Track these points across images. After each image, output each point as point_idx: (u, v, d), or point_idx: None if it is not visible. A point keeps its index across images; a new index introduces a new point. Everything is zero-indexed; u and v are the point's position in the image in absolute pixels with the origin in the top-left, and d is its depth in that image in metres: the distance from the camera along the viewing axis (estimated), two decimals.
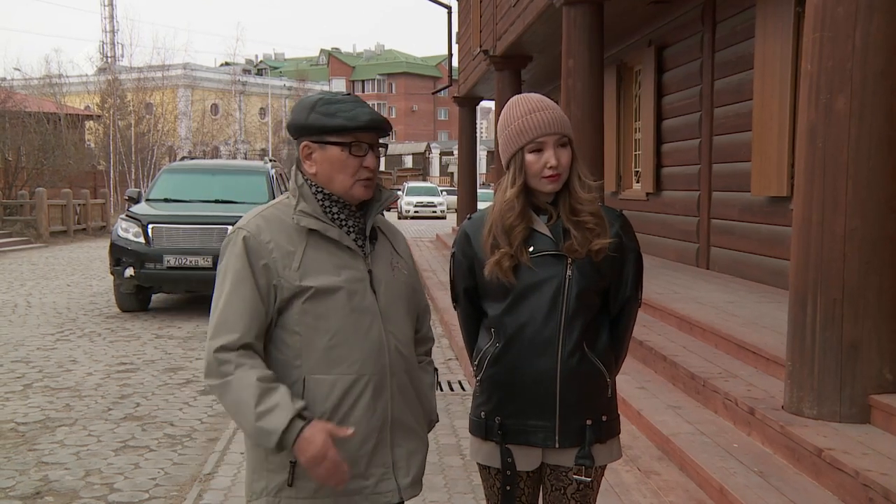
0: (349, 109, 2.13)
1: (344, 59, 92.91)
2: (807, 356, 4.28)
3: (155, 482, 4.71)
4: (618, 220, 2.35)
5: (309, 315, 2.11)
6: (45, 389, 6.76)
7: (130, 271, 10.13)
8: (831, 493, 3.71)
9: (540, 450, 2.34)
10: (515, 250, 2.25)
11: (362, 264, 2.18)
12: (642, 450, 4.74)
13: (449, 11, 21.75)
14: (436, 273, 13.41)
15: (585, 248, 2.25)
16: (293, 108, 2.23)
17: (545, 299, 2.26)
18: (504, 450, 2.33)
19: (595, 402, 2.34)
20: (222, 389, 2.06)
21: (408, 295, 2.30)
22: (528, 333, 2.28)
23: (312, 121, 2.14)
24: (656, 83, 11.07)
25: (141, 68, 43.17)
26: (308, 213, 2.15)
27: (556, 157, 2.25)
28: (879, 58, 4.07)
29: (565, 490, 2.36)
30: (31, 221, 22.67)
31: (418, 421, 2.30)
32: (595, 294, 2.32)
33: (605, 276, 2.32)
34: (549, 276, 2.26)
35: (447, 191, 41.99)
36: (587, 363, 2.30)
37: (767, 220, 8.09)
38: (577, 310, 2.27)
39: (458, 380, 6.99)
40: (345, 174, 2.16)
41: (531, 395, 2.30)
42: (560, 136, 2.27)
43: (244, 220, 2.18)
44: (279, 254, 2.11)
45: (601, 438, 2.35)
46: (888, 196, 4.12)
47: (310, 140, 2.17)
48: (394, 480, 2.19)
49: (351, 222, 2.20)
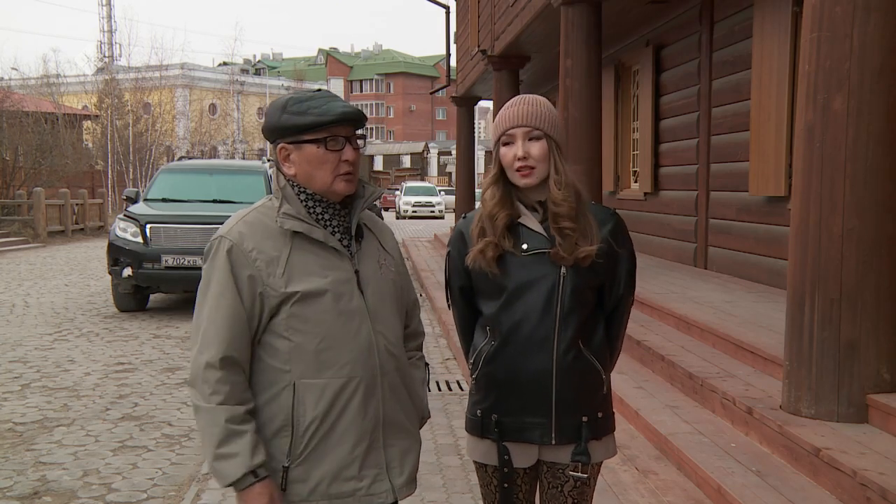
0: (320, 105, 2.11)
1: (342, 59, 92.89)
2: (804, 356, 4.28)
3: (153, 482, 4.71)
4: (611, 219, 2.35)
5: (297, 319, 2.09)
6: (42, 389, 6.76)
7: (128, 271, 10.13)
8: (829, 492, 3.71)
9: (536, 447, 2.35)
10: (499, 238, 2.28)
11: (349, 265, 2.16)
12: (640, 449, 4.74)
13: (447, 11, 21.77)
14: (434, 273, 13.41)
15: (572, 255, 2.26)
16: (265, 112, 2.19)
17: (540, 297, 2.27)
18: (501, 447, 2.34)
19: (591, 399, 2.35)
20: (195, 408, 2.10)
21: (396, 293, 2.28)
22: (523, 331, 2.28)
23: (284, 121, 2.12)
24: (654, 83, 11.08)
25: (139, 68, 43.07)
26: (292, 214, 2.12)
27: (525, 149, 2.27)
28: (877, 57, 4.07)
29: (562, 487, 2.37)
30: (28, 221, 22.64)
31: (410, 419, 2.29)
32: (590, 291, 2.33)
33: (600, 273, 2.33)
34: (543, 273, 2.27)
35: (445, 191, 42.01)
36: (583, 360, 2.31)
37: (765, 219, 8.10)
38: (573, 307, 2.27)
39: (457, 379, 6.99)
40: (324, 171, 2.13)
41: (527, 392, 2.30)
42: (529, 128, 2.27)
43: (226, 227, 2.14)
44: (263, 261, 2.08)
45: (597, 435, 2.36)
46: (886, 196, 4.12)
47: (285, 141, 2.14)
48: (388, 481, 2.19)
49: (335, 222, 2.18)
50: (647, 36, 11.31)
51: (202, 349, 2.09)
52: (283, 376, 2.11)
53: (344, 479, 2.12)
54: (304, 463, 2.10)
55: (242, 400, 2.08)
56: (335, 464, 2.11)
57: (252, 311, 2.09)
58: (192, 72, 59.59)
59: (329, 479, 2.11)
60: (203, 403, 2.07)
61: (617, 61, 12.68)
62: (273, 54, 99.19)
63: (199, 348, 2.09)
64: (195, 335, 2.12)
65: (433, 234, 21.85)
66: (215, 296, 2.09)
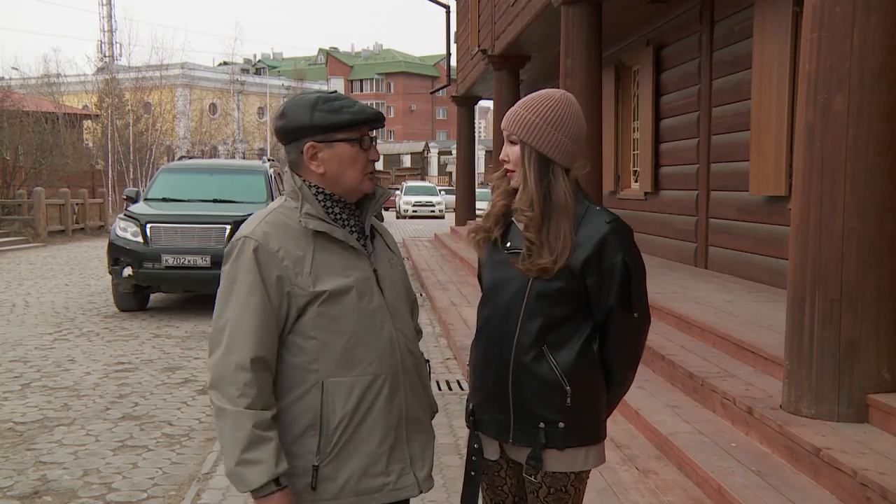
0: (351, 105, 2.14)
1: (342, 59, 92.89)
2: (805, 356, 4.28)
3: (153, 482, 4.71)
4: (603, 228, 2.24)
5: (324, 318, 2.10)
6: (43, 389, 6.76)
7: (129, 271, 10.13)
8: (829, 492, 3.71)
9: (497, 442, 2.38)
10: (491, 225, 2.35)
11: (367, 264, 2.19)
12: (640, 449, 4.75)
13: (447, 11, 21.77)
14: (434, 273, 13.40)
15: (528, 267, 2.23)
16: (284, 110, 2.16)
17: (509, 294, 2.29)
18: (473, 435, 2.39)
19: (550, 407, 2.27)
20: (219, 411, 2.05)
21: (406, 291, 2.34)
22: (491, 325, 2.34)
23: (318, 119, 2.11)
24: (655, 83, 11.08)
25: (139, 68, 43.10)
26: (314, 214, 2.13)
27: (506, 151, 2.34)
28: (877, 57, 4.07)
29: (537, 492, 2.33)
30: (28, 221, 22.64)
31: (426, 414, 2.34)
32: (562, 297, 2.25)
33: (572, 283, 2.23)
34: (516, 273, 2.29)
35: (445, 190, 41.99)
36: (543, 365, 2.25)
37: (765, 219, 8.10)
38: (536, 308, 2.25)
39: (457, 379, 6.99)
40: (355, 169, 2.16)
41: (491, 386, 2.34)
42: (508, 132, 2.32)
43: (249, 228, 2.13)
44: (290, 261, 2.09)
45: (557, 445, 2.27)
46: (886, 196, 4.12)
47: (315, 140, 2.13)
48: (412, 474, 2.22)
49: (352, 222, 2.21)
50: (647, 36, 11.31)
51: (230, 350, 2.05)
52: (310, 376, 2.11)
53: (372, 475, 2.14)
54: (334, 461, 2.11)
55: (268, 405, 2.07)
56: (364, 460, 2.13)
57: (280, 311, 2.09)
58: (193, 71, 59.58)
59: (358, 475, 2.13)
60: (229, 406, 2.03)
61: (617, 61, 12.68)
62: (273, 54, 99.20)
63: (226, 349, 2.05)
64: (218, 337, 2.08)
65: (433, 233, 21.83)
66: (243, 296, 2.07)
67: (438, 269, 13.89)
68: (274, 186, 11.63)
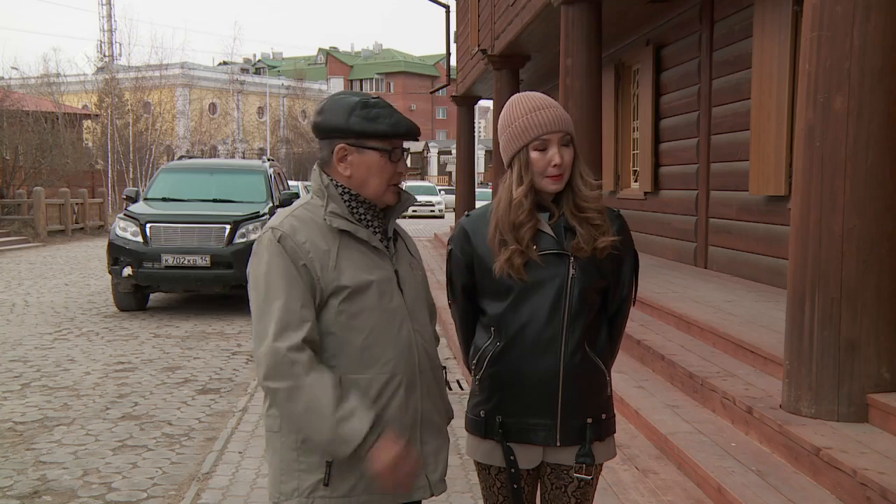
0: (389, 115, 2.15)
1: (342, 59, 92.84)
2: (805, 355, 4.28)
3: (153, 481, 4.71)
4: (617, 220, 2.36)
5: (344, 315, 2.11)
6: (42, 389, 6.76)
7: (128, 270, 10.13)
8: (829, 491, 3.71)
9: (541, 448, 2.34)
10: (525, 247, 2.25)
11: (389, 264, 2.21)
12: (640, 449, 4.74)
13: (447, 11, 21.76)
14: (434, 272, 13.39)
15: (591, 245, 2.26)
16: (323, 108, 2.18)
17: (548, 298, 2.26)
18: (506, 448, 2.33)
19: (596, 401, 2.35)
20: (291, 393, 2.02)
21: (426, 294, 2.35)
22: (530, 332, 2.27)
23: (353, 124, 2.13)
24: (654, 82, 11.08)
25: (139, 67, 43.10)
26: (338, 214, 2.16)
27: (560, 155, 2.25)
28: (877, 57, 4.07)
29: (566, 488, 2.37)
30: (28, 221, 22.64)
31: (441, 418, 2.33)
32: (596, 293, 2.33)
33: (606, 275, 2.34)
34: (551, 275, 2.25)
35: (445, 190, 41.99)
36: (588, 362, 2.31)
37: (765, 219, 8.10)
38: (580, 309, 2.27)
39: (457, 379, 7.00)
40: (380, 179, 2.17)
41: (534, 394, 2.30)
42: (564, 134, 2.26)
43: (277, 221, 2.17)
44: (316, 254, 2.11)
45: (600, 437, 2.36)
46: (886, 195, 4.12)
47: (347, 143, 2.15)
48: (424, 476, 2.23)
49: (376, 223, 2.23)
50: (647, 35, 11.31)
51: (280, 337, 2.03)
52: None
53: None
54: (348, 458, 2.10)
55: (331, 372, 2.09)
56: None
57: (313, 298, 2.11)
58: (192, 71, 59.57)
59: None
60: (299, 381, 2.01)
61: (617, 61, 12.68)
62: (273, 53, 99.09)
63: (275, 336, 2.03)
64: (262, 326, 2.07)
65: (433, 233, 21.83)
66: (283, 283, 2.07)
67: (438, 269, 13.88)
68: (274, 186, 11.62)
